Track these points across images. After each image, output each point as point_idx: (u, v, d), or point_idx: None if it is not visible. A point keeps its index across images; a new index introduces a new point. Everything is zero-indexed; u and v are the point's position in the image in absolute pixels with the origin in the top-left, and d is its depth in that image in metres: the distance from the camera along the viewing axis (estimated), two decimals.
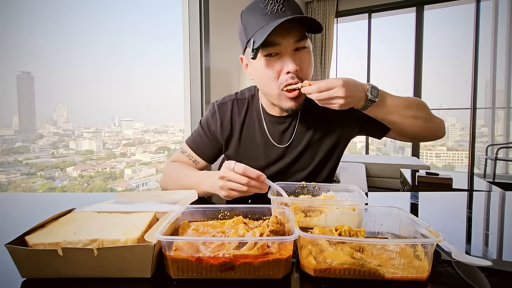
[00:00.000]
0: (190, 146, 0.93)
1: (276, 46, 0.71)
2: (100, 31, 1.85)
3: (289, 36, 0.70)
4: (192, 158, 0.92)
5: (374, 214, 0.51)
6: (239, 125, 0.89)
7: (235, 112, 0.90)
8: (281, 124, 0.88)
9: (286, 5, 0.70)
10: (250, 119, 0.90)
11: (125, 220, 0.48)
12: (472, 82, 3.86)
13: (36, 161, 1.98)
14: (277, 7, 0.70)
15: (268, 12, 0.70)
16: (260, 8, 0.71)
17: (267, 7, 0.70)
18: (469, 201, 0.81)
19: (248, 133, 0.89)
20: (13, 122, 1.88)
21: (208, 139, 0.91)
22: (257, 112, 0.89)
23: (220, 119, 0.89)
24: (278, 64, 0.73)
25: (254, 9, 0.72)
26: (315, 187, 0.73)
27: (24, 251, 0.38)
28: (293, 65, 0.71)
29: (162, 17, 2.07)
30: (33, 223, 0.45)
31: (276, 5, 0.70)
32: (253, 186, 0.61)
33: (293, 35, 0.70)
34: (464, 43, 4.02)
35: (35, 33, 1.55)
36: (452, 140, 4.87)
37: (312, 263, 0.39)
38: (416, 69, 4.19)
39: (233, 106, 0.90)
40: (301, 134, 0.88)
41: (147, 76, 2.18)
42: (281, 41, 0.70)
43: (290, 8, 0.71)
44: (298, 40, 0.71)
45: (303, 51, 0.73)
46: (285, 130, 0.88)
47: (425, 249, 0.39)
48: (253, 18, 0.72)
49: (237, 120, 0.89)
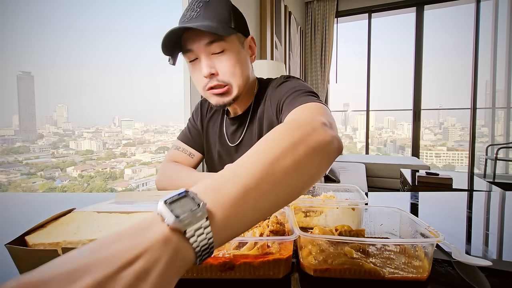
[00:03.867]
0: (183, 140, 0.97)
1: (191, 52, 0.73)
2: (100, 31, 1.85)
3: (198, 41, 0.71)
4: (187, 151, 0.95)
5: (374, 214, 0.51)
6: (206, 122, 0.96)
7: (209, 109, 0.97)
8: (233, 124, 0.90)
9: (203, 10, 0.71)
10: (215, 118, 0.95)
11: (125, 220, 0.48)
12: (472, 82, 3.86)
13: (36, 161, 1.98)
14: (194, 13, 0.71)
15: (186, 19, 0.72)
16: (183, 15, 0.73)
17: (187, 14, 0.72)
18: (469, 201, 0.81)
19: (212, 129, 0.95)
20: (13, 122, 1.88)
21: (196, 131, 0.97)
22: (223, 112, 0.95)
23: (201, 113, 0.97)
24: (198, 68, 0.75)
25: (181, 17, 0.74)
26: (315, 187, 0.73)
27: (24, 251, 0.38)
28: (206, 69, 0.72)
29: (162, 17, 2.07)
30: (33, 223, 0.45)
31: (194, 12, 0.71)
32: None
33: (202, 40, 0.71)
34: (464, 43, 4.02)
35: (35, 33, 1.55)
36: (452, 140, 4.87)
37: (312, 263, 0.39)
38: (416, 69, 4.19)
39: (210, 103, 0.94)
40: (249, 135, 0.88)
41: (147, 76, 2.18)
42: (193, 47, 0.72)
43: (206, 12, 0.71)
44: (208, 44, 0.71)
45: (220, 54, 0.73)
46: (236, 130, 0.90)
47: (425, 249, 0.39)
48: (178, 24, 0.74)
49: (207, 116, 0.96)
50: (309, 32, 4.61)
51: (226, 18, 0.73)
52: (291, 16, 3.67)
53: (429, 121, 5.06)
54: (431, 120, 5.08)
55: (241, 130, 0.88)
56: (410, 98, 4.27)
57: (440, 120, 5.06)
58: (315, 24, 4.56)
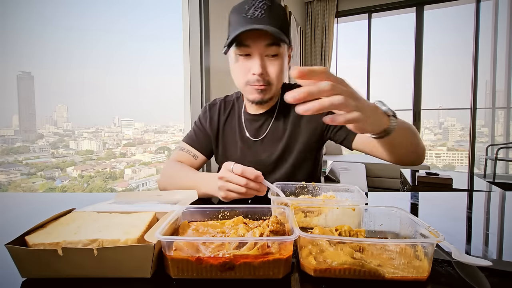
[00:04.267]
0: (188, 142, 0.99)
1: (247, 47, 0.78)
2: (100, 31, 1.85)
3: (259, 41, 0.77)
4: (191, 153, 0.97)
5: (374, 214, 0.51)
6: (222, 123, 0.98)
7: (221, 111, 0.99)
8: (257, 121, 0.94)
9: (268, 13, 0.76)
10: (232, 118, 0.98)
11: (125, 220, 0.48)
12: (472, 82, 3.86)
13: (36, 161, 1.98)
14: (258, 13, 0.75)
15: (249, 16, 0.76)
16: (244, 10, 0.77)
17: (249, 11, 0.76)
18: (469, 201, 0.81)
19: (229, 130, 0.97)
20: (13, 122, 1.87)
21: (202, 134, 0.99)
22: (238, 111, 0.98)
23: (210, 117, 0.99)
24: (247, 63, 0.80)
25: (239, 9, 0.78)
26: (315, 187, 0.73)
27: (24, 251, 0.38)
28: (259, 68, 0.78)
29: (162, 18, 2.07)
30: (33, 223, 0.45)
31: (258, 11, 0.75)
32: (252, 188, 0.61)
33: (263, 41, 0.77)
34: (464, 43, 4.02)
35: (35, 33, 1.55)
36: (452, 140, 4.87)
37: (312, 263, 0.39)
38: (416, 69, 4.19)
39: (220, 106, 1.00)
40: (275, 130, 0.92)
41: (147, 76, 2.18)
42: (251, 44, 0.77)
43: (270, 16, 0.76)
44: (267, 45, 0.77)
45: (273, 58, 0.80)
46: (261, 126, 0.94)
47: (425, 249, 0.39)
48: (235, 18, 0.79)
49: (222, 118, 0.98)
50: (309, 32, 4.61)
51: (285, 25, 0.79)
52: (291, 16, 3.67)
53: (429, 121, 5.07)
54: (431, 120, 5.08)
55: (266, 125, 0.93)
56: (410, 98, 4.27)
57: (440, 120, 5.06)
58: (315, 24, 4.56)
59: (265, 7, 0.76)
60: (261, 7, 0.75)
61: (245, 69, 0.81)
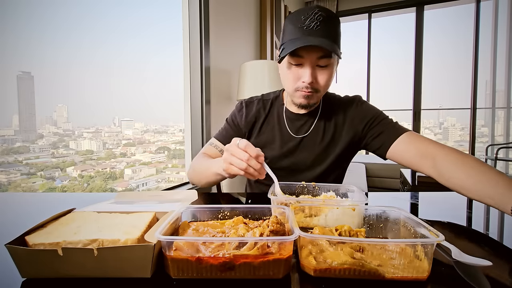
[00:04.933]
0: (217, 138, 1.03)
1: (300, 58, 0.81)
2: (100, 31, 1.85)
3: (312, 53, 0.79)
4: (218, 148, 1.01)
5: (374, 214, 0.51)
6: (261, 119, 1.01)
7: (261, 109, 1.02)
8: (300, 120, 0.98)
9: (323, 25, 0.77)
10: (271, 115, 1.01)
11: (125, 220, 0.48)
12: (472, 82, 3.86)
13: (36, 161, 1.98)
14: (314, 24, 0.77)
15: (304, 27, 0.78)
16: (300, 20, 0.79)
17: (305, 22, 0.78)
18: (469, 201, 0.81)
19: (268, 126, 1.00)
20: (13, 122, 1.87)
21: (232, 131, 1.02)
22: (278, 109, 1.01)
23: (246, 114, 1.01)
24: (299, 72, 0.84)
25: (295, 18, 0.80)
26: (315, 187, 0.73)
27: (24, 251, 0.38)
28: (309, 78, 0.81)
29: (162, 18, 2.07)
30: (33, 223, 0.45)
31: (314, 23, 0.77)
32: (252, 166, 0.63)
33: (316, 53, 0.79)
34: (464, 43, 4.02)
35: (35, 33, 1.55)
36: (452, 140, 4.87)
37: (312, 263, 0.39)
38: (416, 69, 4.19)
39: (259, 104, 1.03)
40: (317, 130, 0.96)
41: (148, 76, 2.18)
42: (305, 55, 0.80)
43: (325, 28, 0.77)
44: (319, 58, 0.80)
45: (323, 68, 0.83)
46: (303, 124, 0.97)
47: (425, 249, 0.39)
48: (291, 26, 0.81)
49: (262, 115, 1.01)
50: None
51: (338, 37, 0.81)
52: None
53: (429, 121, 5.06)
54: (431, 120, 5.08)
55: (308, 125, 0.97)
56: (410, 98, 4.27)
57: (440, 120, 5.06)
58: None
59: (321, 19, 0.77)
60: (317, 18, 0.77)
61: (296, 77, 0.84)
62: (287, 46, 0.80)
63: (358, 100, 0.98)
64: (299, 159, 0.96)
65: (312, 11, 0.78)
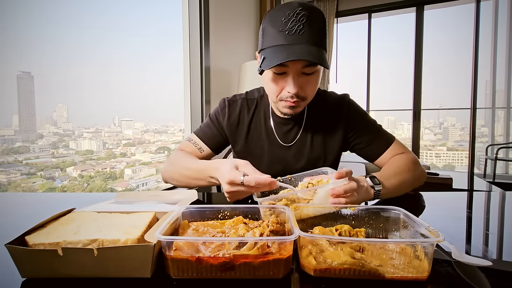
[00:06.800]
0: (197, 135, 0.97)
1: (284, 67, 0.73)
2: (101, 31, 1.85)
3: (297, 63, 0.72)
4: (197, 145, 0.95)
5: (374, 214, 0.51)
6: (247, 122, 0.94)
7: (244, 110, 0.95)
8: (287, 124, 0.92)
9: (307, 27, 0.70)
10: (257, 118, 0.95)
11: (125, 220, 0.48)
12: (472, 82, 3.86)
13: (36, 161, 1.98)
14: (297, 27, 0.69)
15: (287, 31, 0.70)
16: (281, 22, 0.70)
17: (287, 25, 0.70)
18: (469, 201, 0.81)
19: (255, 131, 0.95)
20: (13, 122, 1.87)
21: (215, 129, 0.96)
22: (265, 112, 0.95)
23: (228, 114, 0.94)
24: (283, 82, 0.77)
25: (276, 20, 0.72)
26: (291, 179, 0.72)
27: (24, 251, 0.38)
28: (294, 88, 0.75)
29: (162, 18, 2.07)
30: (33, 223, 0.45)
31: (297, 25, 0.69)
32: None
33: (301, 62, 0.72)
34: (464, 43, 4.02)
35: (35, 33, 1.55)
36: (452, 140, 4.87)
37: (312, 263, 0.39)
38: (416, 69, 4.19)
39: (242, 104, 0.96)
40: (305, 136, 0.92)
41: (148, 76, 2.18)
42: (289, 64, 0.73)
43: (309, 30, 0.70)
44: (305, 66, 0.73)
45: (309, 75, 0.76)
46: (290, 130, 0.92)
47: (425, 249, 0.39)
48: (272, 29, 0.72)
49: (246, 118, 0.95)
50: None
51: (324, 39, 0.74)
52: None
53: (429, 121, 5.06)
54: (431, 120, 5.08)
55: (295, 130, 0.92)
56: (410, 98, 4.26)
57: (440, 120, 5.06)
58: None
59: (304, 20, 0.69)
60: (300, 20, 0.69)
61: (280, 87, 0.78)
62: (269, 56, 0.72)
63: (347, 102, 0.93)
64: (289, 167, 0.92)
65: (294, 11, 0.70)
